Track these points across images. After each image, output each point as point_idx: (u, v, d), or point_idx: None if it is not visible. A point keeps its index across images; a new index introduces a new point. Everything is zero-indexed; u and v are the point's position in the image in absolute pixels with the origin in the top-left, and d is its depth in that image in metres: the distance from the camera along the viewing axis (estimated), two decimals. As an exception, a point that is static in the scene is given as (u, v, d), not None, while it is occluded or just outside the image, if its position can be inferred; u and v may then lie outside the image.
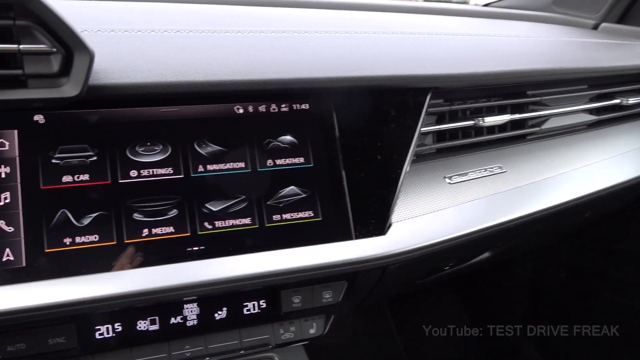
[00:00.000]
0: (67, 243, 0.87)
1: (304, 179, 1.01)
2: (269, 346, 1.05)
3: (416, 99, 1.12)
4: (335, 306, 1.08)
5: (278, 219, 0.98)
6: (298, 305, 1.04)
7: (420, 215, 1.10)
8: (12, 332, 0.88)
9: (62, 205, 0.88)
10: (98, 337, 0.93)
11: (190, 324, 0.98)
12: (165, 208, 0.93)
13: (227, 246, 0.95)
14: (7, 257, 0.84)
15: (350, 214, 1.02)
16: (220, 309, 1.00)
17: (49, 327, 0.89)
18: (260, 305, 1.02)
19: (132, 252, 0.90)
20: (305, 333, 1.07)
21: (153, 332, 0.96)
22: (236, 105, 1.00)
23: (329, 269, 0.98)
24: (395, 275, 1.14)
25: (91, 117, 0.92)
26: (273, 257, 0.96)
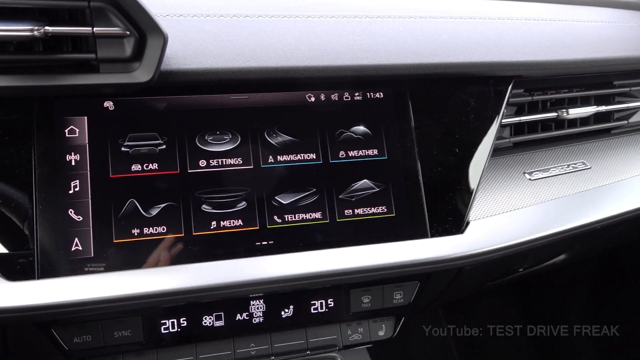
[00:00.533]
0: (135, 234, 0.85)
1: (378, 172, 0.95)
2: (335, 347, 1.00)
3: (497, 88, 1.04)
4: (406, 308, 1.02)
5: (350, 214, 0.93)
6: (367, 306, 0.99)
7: (500, 214, 1.02)
8: (78, 324, 0.86)
9: (131, 194, 0.86)
10: (163, 331, 0.90)
11: (256, 321, 0.95)
12: (234, 200, 0.89)
13: (296, 241, 0.90)
14: (75, 247, 0.82)
15: (425, 211, 0.96)
16: (287, 306, 0.96)
17: (115, 320, 0.87)
18: (328, 304, 0.97)
19: (200, 245, 0.87)
20: (374, 335, 1.02)
21: (218, 328, 0.93)
22: (307, 94, 0.95)
23: (402, 268, 0.93)
24: (469, 276, 1.07)
25: (160, 104, 0.89)
26: (344, 254, 0.90)
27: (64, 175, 0.83)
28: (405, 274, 0.96)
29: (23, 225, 0.81)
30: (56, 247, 0.81)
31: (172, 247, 0.86)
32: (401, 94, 0.98)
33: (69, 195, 0.83)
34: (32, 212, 0.81)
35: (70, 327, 0.86)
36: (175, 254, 0.85)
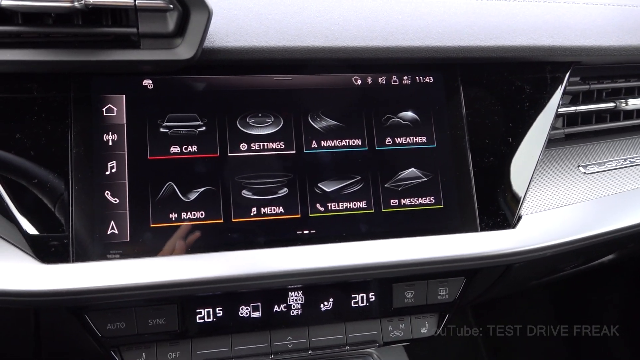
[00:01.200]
0: (173, 218, 0.81)
1: (426, 160, 0.90)
2: (375, 343, 0.95)
3: (554, 75, 0.98)
4: (451, 304, 0.97)
5: (395, 204, 0.88)
6: (410, 301, 0.94)
7: (554, 208, 0.96)
8: (112, 310, 0.83)
9: (169, 177, 0.82)
10: (199, 320, 0.87)
11: (294, 314, 0.90)
12: (276, 186, 0.85)
13: (339, 231, 0.86)
14: (111, 231, 0.79)
15: (475, 203, 0.91)
16: (326, 299, 0.91)
17: (150, 307, 0.84)
18: (369, 299, 0.93)
19: (239, 233, 0.83)
20: (417, 332, 0.97)
21: (255, 319, 0.89)
22: (354, 76, 0.90)
23: (449, 263, 0.87)
24: (517, 274, 1.01)
25: (201, 84, 0.85)
26: (389, 246, 0.86)
27: (101, 156, 0.80)
28: (452, 269, 0.91)
29: (58, 206, 0.78)
30: (91, 230, 0.78)
31: (210, 233, 0.82)
32: (452, 79, 0.93)
33: (106, 177, 0.80)
34: (68, 193, 0.78)
35: (104, 313, 0.83)
36: (213, 240, 0.82)
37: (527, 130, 0.95)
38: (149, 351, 0.87)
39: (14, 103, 0.79)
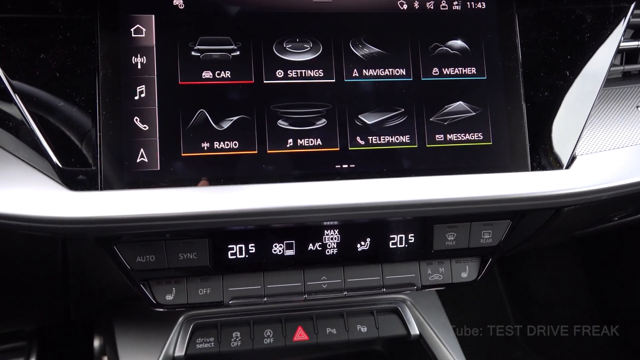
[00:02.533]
0: (205, 148, 0.77)
1: (475, 93, 0.84)
2: (413, 287, 0.91)
3: (618, 5, 0.89)
4: (494, 249, 0.91)
5: (441, 140, 0.82)
6: (451, 244, 0.89)
7: (611, 149, 0.89)
8: (141, 242, 0.80)
9: (201, 104, 0.77)
10: (230, 256, 0.83)
11: (329, 253, 0.86)
12: (314, 117, 0.79)
13: (380, 166, 0.80)
14: (141, 159, 0.75)
15: (527, 141, 0.84)
16: (363, 239, 0.87)
17: (180, 241, 0.81)
18: (408, 240, 0.88)
19: (275, 165, 0.78)
20: (457, 276, 0.92)
21: (288, 257, 0.85)
22: (400, 0, 0.83)
23: (497, 203, 0.82)
24: (565, 219, 0.96)
25: (235, 4, 0.79)
26: (432, 183, 0.80)
27: (129, 79, 0.75)
28: (499, 211, 0.86)
29: (86, 132, 0.74)
30: (120, 158, 0.74)
31: (244, 164, 0.77)
32: (507, 5, 0.85)
33: (135, 102, 0.75)
34: (96, 118, 0.74)
35: (133, 246, 0.80)
36: (246, 172, 0.77)
37: (586, 64, 0.88)
38: (179, 286, 0.84)
39: (38, 23, 0.74)
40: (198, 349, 0.99)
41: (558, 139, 0.86)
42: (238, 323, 1.02)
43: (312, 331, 1.03)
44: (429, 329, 1.06)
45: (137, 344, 0.99)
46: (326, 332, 1.03)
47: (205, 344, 0.99)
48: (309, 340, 1.02)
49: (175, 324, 1.00)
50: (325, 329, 1.03)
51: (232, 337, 1.00)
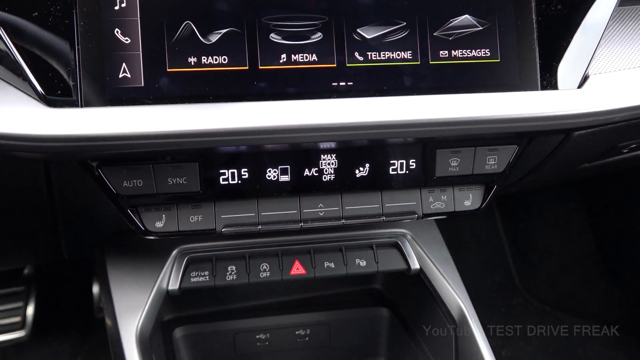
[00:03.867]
0: (192, 63, 0.71)
1: (482, 6, 0.78)
2: (414, 215, 0.87)
3: None
4: (499, 176, 0.87)
5: (445, 56, 0.77)
6: (455, 170, 0.85)
7: (624, 69, 0.84)
8: (128, 167, 0.75)
9: (187, 15, 0.71)
10: (222, 182, 0.79)
11: (326, 179, 0.82)
12: (309, 30, 0.74)
13: (380, 84, 0.75)
14: (123, 74, 0.70)
15: (537, 58, 0.79)
16: (361, 165, 0.83)
17: (169, 165, 0.77)
18: (409, 166, 0.84)
19: (267, 81, 0.73)
20: (459, 204, 0.88)
21: (283, 183, 0.81)
22: None
23: (503, 124, 0.77)
24: (574, 146, 0.91)
25: None
26: (435, 102, 0.75)
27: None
28: (506, 133, 0.81)
29: (63, 44, 0.68)
30: (101, 73, 0.69)
31: (234, 80, 0.72)
32: None
33: (115, 12, 0.70)
34: (73, 28, 0.68)
35: (119, 170, 0.76)
36: (237, 89, 0.72)
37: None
38: (170, 213, 0.81)
39: None
40: (192, 283, 0.96)
41: (570, 57, 0.80)
42: (233, 257, 0.99)
43: (310, 265, 1.00)
44: (430, 262, 1.04)
45: (129, 278, 0.96)
46: (324, 266, 1.00)
47: (200, 277, 0.97)
48: (307, 274, 0.99)
49: (169, 257, 0.97)
50: (323, 262, 1.00)
51: (227, 271, 0.97)
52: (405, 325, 1.16)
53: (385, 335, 1.21)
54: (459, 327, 0.99)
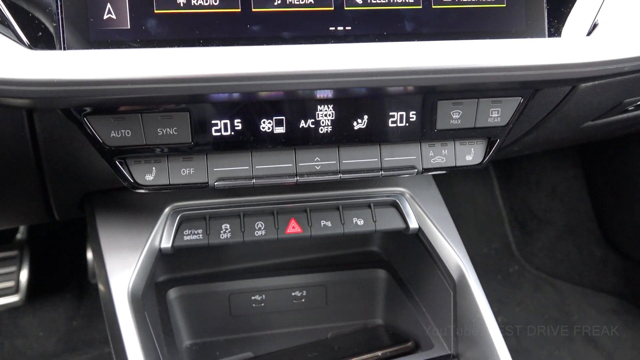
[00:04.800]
0: (181, 4, 0.67)
1: (488, -53, 0.74)
2: (414, 170, 0.85)
3: None
4: (502, 129, 0.84)
5: (448, 0, 0.73)
6: (457, 122, 0.82)
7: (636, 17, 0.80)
8: (115, 116, 0.72)
9: (175, -48, 0.67)
10: (214, 133, 0.76)
11: (323, 131, 0.79)
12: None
13: (379, 29, 0.72)
14: (108, 15, 0.66)
15: (544, 3, 0.75)
16: (360, 116, 0.80)
17: (159, 114, 0.73)
18: (409, 118, 0.81)
19: (261, 25, 0.69)
20: (461, 159, 0.85)
21: (278, 135, 0.78)
22: None
23: (508, 72, 0.74)
24: (580, 100, 0.88)
25: None
26: (438, 48, 0.71)
27: None
28: (510, 83, 0.78)
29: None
30: (85, 14, 0.65)
31: (225, 23, 0.68)
32: None
33: (98, -52, 0.65)
34: (54, -35, 0.64)
35: (106, 119, 0.72)
36: (229, 33, 0.68)
37: None
38: (160, 166, 0.78)
39: None
40: (186, 241, 0.94)
41: (579, 3, 0.76)
42: (227, 215, 0.96)
43: (306, 224, 0.98)
44: (429, 221, 1.01)
45: (121, 236, 0.94)
46: (320, 225, 0.98)
47: (193, 235, 0.94)
48: (303, 233, 0.97)
49: (161, 215, 0.95)
50: (320, 221, 0.98)
51: (221, 229, 0.95)
52: (402, 286, 1.15)
53: (383, 297, 1.20)
54: (458, 287, 0.97)
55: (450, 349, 0.98)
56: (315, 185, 1.00)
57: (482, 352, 0.90)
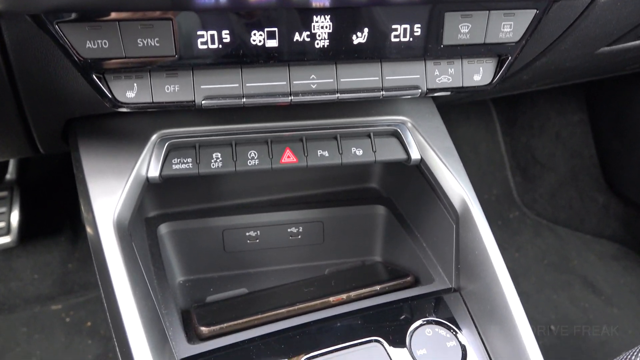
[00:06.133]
0: None
1: None
2: (417, 90, 0.78)
3: None
4: (513, 47, 0.78)
5: None
6: (465, 38, 0.75)
7: None
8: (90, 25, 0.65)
9: None
10: (200, 45, 0.70)
11: (319, 45, 0.73)
12: None
13: None
14: None
15: None
16: (359, 29, 0.73)
17: (138, 23, 0.66)
18: (414, 32, 0.74)
19: None
20: (468, 79, 0.79)
21: (270, 49, 0.72)
22: None
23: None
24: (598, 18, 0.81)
25: None
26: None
27: None
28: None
29: None
30: None
31: None
32: None
33: None
34: None
35: (81, 27, 0.65)
36: None
37: None
38: (142, 82, 0.72)
39: None
40: (175, 170, 0.89)
41: None
42: (219, 143, 0.91)
43: (302, 153, 0.92)
44: (432, 152, 0.96)
45: (105, 164, 0.88)
46: (317, 155, 0.92)
47: (183, 164, 0.89)
48: (298, 163, 0.92)
49: (147, 143, 0.89)
50: (317, 151, 0.92)
51: (212, 158, 0.89)
52: (402, 222, 1.10)
53: (381, 234, 1.16)
54: (460, 219, 0.92)
55: (451, 283, 0.94)
56: (312, 113, 0.94)
57: (484, 285, 0.87)
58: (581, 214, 2.41)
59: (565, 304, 2.07)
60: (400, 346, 0.82)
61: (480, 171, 2.52)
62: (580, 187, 2.42)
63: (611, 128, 2.31)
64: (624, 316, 2.02)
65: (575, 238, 2.36)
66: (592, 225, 2.37)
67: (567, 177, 2.45)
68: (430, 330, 0.85)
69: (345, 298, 0.94)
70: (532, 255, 2.29)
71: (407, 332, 0.84)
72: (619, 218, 2.31)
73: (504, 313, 0.82)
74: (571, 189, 2.44)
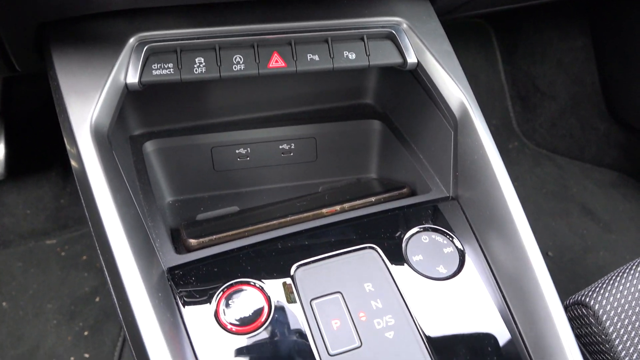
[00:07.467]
0: None
1: None
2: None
3: None
4: None
5: None
6: None
7: None
8: None
9: None
10: None
11: None
12: None
13: None
14: None
15: None
16: None
17: None
18: None
19: None
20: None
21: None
22: None
23: None
24: None
25: None
26: None
27: None
28: None
29: None
30: None
31: None
32: None
33: None
34: None
35: None
36: None
37: None
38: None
39: None
40: (155, 76, 0.83)
41: None
42: (202, 47, 0.85)
43: (291, 58, 0.86)
44: (429, 55, 0.90)
45: (80, 70, 0.82)
46: (307, 59, 0.86)
47: (164, 70, 0.83)
48: (287, 68, 0.86)
49: (125, 46, 0.83)
50: (306, 55, 0.87)
51: (194, 63, 0.84)
52: (398, 136, 1.06)
53: (377, 150, 1.12)
54: (459, 124, 0.88)
55: (449, 192, 0.91)
56: (300, 13, 0.88)
57: (483, 190, 0.83)
58: (581, 142, 2.36)
59: (564, 231, 2.06)
60: (395, 252, 0.79)
61: (479, 101, 2.46)
62: (581, 116, 2.37)
63: (615, 53, 2.23)
64: (622, 242, 2.01)
65: (574, 167, 2.33)
66: (592, 154, 2.34)
67: (568, 105, 2.39)
68: (426, 237, 0.82)
69: (339, 209, 0.91)
70: (531, 184, 2.26)
71: (402, 239, 0.81)
72: (619, 146, 2.27)
73: (504, 216, 0.79)
74: (572, 118, 2.39)
